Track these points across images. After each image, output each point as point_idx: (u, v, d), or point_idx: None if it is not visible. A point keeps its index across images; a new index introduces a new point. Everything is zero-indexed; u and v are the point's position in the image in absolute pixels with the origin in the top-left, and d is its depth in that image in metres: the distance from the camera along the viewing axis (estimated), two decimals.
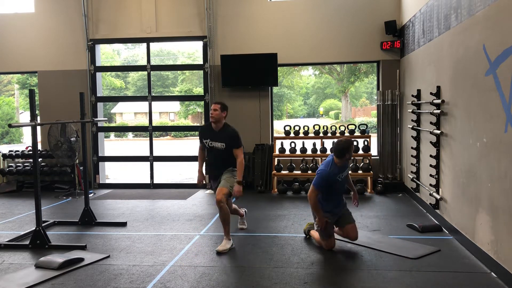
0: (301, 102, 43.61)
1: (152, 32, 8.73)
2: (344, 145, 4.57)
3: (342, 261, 4.39)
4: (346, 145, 4.58)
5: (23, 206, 7.34)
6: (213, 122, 5.01)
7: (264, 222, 6.00)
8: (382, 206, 6.87)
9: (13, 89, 29.74)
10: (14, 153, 8.99)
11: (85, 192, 6.17)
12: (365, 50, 8.31)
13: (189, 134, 28.20)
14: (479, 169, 4.30)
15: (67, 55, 8.91)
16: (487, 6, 4.05)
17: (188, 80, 34.78)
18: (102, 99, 9.56)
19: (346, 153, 4.57)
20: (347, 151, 4.57)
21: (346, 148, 4.57)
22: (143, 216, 6.45)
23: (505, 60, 3.68)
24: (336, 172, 4.61)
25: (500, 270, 3.83)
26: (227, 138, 4.97)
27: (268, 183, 8.32)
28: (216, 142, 5.00)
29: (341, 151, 4.56)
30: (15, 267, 4.42)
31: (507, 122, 3.65)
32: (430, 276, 3.96)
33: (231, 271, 4.20)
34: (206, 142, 5.06)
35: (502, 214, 3.80)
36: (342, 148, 4.56)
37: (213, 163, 5.14)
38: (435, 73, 5.80)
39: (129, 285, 3.90)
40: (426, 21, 6.21)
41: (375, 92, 10.67)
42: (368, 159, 7.99)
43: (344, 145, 4.57)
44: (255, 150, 8.47)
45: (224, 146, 4.96)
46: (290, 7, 8.47)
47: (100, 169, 9.06)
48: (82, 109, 6.18)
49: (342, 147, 4.57)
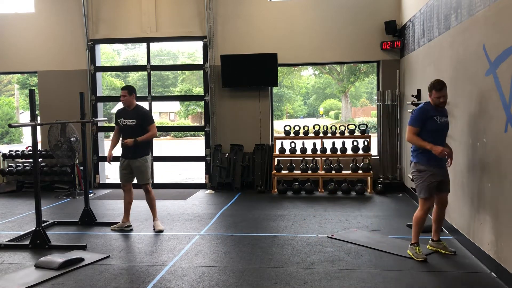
0: (301, 102, 43.60)
1: (152, 32, 8.72)
2: (433, 82, 4.36)
3: (342, 261, 4.39)
4: (433, 82, 4.35)
5: (23, 206, 7.34)
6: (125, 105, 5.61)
7: (264, 222, 6.00)
8: (382, 206, 6.87)
9: (13, 89, 29.73)
10: (14, 153, 8.99)
11: (85, 192, 6.17)
12: (365, 50, 8.31)
13: (189, 134, 28.18)
14: (479, 169, 4.30)
15: (67, 55, 8.91)
16: (487, 6, 4.05)
17: (188, 80, 34.77)
18: (102, 99, 9.57)
19: (432, 89, 4.31)
20: (433, 87, 4.31)
21: (432, 85, 4.32)
22: (143, 216, 6.44)
23: (505, 60, 3.68)
24: (431, 109, 4.33)
25: (500, 270, 3.82)
26: (136, 116, 5.57)
27: (268, 183, 8.31)
28: (128, 120, 5.58)
29: (429, 86, 4.36)
30: (15, 267, 4.42)
31: (507, 122, 3.65)
32: (430, 276, 3.96)
33: (231, 271, 4.20)
34: (120, 121, 5.61)
35: (502, 214, 3.80)
36: (432, 84, 4.34)
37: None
38: (435, 73, 5.79)
39: (129, 285, 3.90)
40: (426, 21, 6.21)
41: (375, 92, 10.67)
42: (368, 159, 7.99)
43: (433, 82, 4.36)
44: (255, 150, 8.47)
45: (134, 122, 5.55)
46: (290, 7, 8.47)
47: (100, 169, 9.06)
48: (82, 109, 6.18)
49: (431, 83, 4.36)
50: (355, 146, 8.10)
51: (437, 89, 4.26)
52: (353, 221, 5.95)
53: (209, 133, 8.68)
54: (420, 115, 4.35)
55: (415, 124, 4.35)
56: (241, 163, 8.40)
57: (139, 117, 5.57)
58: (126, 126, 5.56)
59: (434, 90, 4.28)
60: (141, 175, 5.67)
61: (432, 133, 4.29)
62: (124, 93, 5.55)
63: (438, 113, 4.33)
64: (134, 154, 5.59)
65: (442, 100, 4.26)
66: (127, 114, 5.62)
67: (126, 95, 5.54)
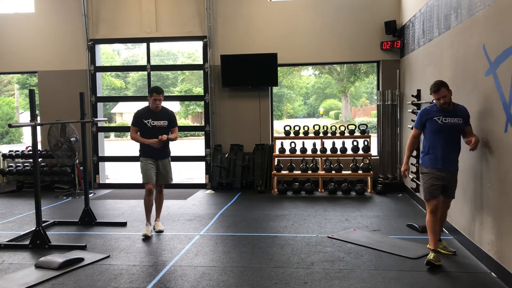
0: (301, 102, 43.59)
1: (152, 32, 8.72)
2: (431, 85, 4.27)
3: (342, 261, 4.39)
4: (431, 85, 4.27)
5: (23, 206, 7.34)
6: (156, 107, 5.51)
7: (264, 222, 6.00)
8: (382, 206, 6.87)
9: (13, 89, 29.72)
10: (14, 153, 8.99)
11: (85, 192, 6.16)
12: (365, 50, 8.31)
13: (189, 134, 28.17)
14: (479, 169, 4.30)
15: (67, 55, 8.90)
16: (487, 6, 4.05)
17: (188, 80, 34.77)
18: (102, 99, 9.57)
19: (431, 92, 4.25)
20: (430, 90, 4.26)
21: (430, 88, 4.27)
22: (143, 216, 6.42)
23: (505, 60, 3.68)
24: (434, 110, 4.27)
25: (500, 270, 3.82)
26: (168, 118, 5.58)
27: (268, 183, 8.31)
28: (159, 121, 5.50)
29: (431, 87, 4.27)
30: (15, 267, 4.42)
31: (507, 122, 3.65)
32: (430, 276, 3.96)
33: (231, 271, 4.20)
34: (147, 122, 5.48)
35: (502, 214, 3.80)
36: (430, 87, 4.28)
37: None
38: (435, 73, 5.80)
39: (129, 285, 3.90)
40: (426, 21, 6.21)
41: (375, 92, 10.67)
42: (368, 159, 7.99)
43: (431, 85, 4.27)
44: (255, 150, 8.47)
45: (166, 124, 5.54)
46: (290, 7, 8.47)
47: (100, 169, 9.06)
48: (82, 109, 6.18)
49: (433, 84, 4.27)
50: (355, 146, 8.10)
51: (433, 91, 4.24)
52: (353, 221, 5.95)
53: (209, 133, 8.68)
54: (419, 117, 4.41)
55: (415, 126, 4.49)
56: (241, 163, 8.40)
57: (170, 118, 5.57)
58: (155, 127, 5.47)
59: (432, 93, 4.27)
60: (168, 175, 5.66)
61: (433, 133, 4.29)
62: (161, 96, 5.46)
63: (443, 114, 4.24)
64: (164, 154, 5.57)
65: (442, 101, 4.22)
66: (156, 115, 5.52)
67: (161, 99, 5.48)
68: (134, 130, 5.57)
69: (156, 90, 5.50)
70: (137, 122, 5.54)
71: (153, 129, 5.47)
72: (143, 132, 5.52)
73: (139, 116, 5.56)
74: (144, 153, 5.53)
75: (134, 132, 5.56)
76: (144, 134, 5.51)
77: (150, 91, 5.61)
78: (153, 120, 5.49)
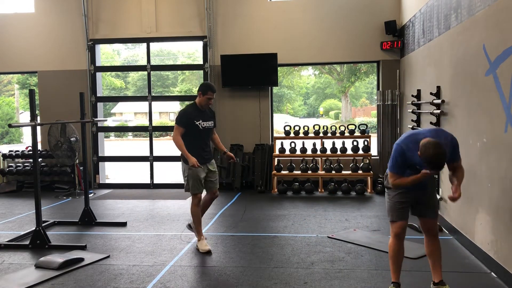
0: (301, 102, 43.58)
1: (152, 32, 8.72)
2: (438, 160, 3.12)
3: (342, 261, 4.39)
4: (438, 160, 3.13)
5: (23, 206, 7.34)
6: (206, 105, 4.89)
7: (264, 222, 6.00)
8: (382, 206, 6.86)
9: (13, 89, 29.71)
10: (14, 153, 8.99)
11: (85, 192, 6.16)
12: (365, 50, 8.31)
13: None
14: (479, 169, 4.30)
15: (67, 55, 8.90)
16: (487, 6, 4.05)
17: (188, 80, 34.76)
18: (102, 99, 9.57)
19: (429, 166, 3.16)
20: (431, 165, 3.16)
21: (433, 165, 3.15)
22: (143, 216, 6.44)
23: (505, 60, 3.68)
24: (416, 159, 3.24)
25: (500, 270, 3.83)
26: (213, 117, 5.03)
27: (268, 183, 8.31)
28: (207, 122, 4.87)
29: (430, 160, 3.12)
30: (15, 267, 4.42)
31: (507, 122, 3.65)
32: (430, 276, 3.95)
33: (231, 271, 4.20)
34: (199, 123, 4.79)
35: (502, 214, 3.80)
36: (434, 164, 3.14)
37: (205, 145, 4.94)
38: (435, 73, 5.80)
39: (129, 285, 3.90)
40: (426, 21, 6.21)
41: (375, 92, 10.67)
42: (368, 159, 7.99)
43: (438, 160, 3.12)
44: (255, 150, 8.47)
45: (213, 124, 4.96)
46: (290, 7, 8.47)
47: (100, 169, 9.06)
48: (82, 109, 6.18)
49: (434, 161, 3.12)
50: (355, 146, 8.10)
51: (431, 167, 3.16)
52: (353, 221, 5.95)
53: None
54: (398, 161, 3.38)
55: (396, 171, 3.44)
56: (241, 163, 8.40)
57: (214, 118, 5.02)
58: (205, 129, 4.82)
59: (428, 166, 3.17)
60: (217, 179, 5.05)
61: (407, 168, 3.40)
62: (213, 95, 4.83)
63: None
64: (211, 156, 5.03)
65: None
66: (204, 115, 4.84)
67: (214, 97, 4.87)
68: (180, 131, 4.72)
69: (212, 88, 4.82)
70: (186, 123, 4.73)
71: (203, 131, 4.80)
72: (191, 134, 4.73)
73: (190, 116, 4.77)
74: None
75: (179, 133, 4.72)
76: (192, 136, 4.73)
77: (204, 89, 4.80)
78: (203, 121, 4.82)
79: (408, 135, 3.40)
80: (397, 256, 3.55)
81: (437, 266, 3.61)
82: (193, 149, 4.70)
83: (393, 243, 3.53)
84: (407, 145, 3.30)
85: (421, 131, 3.40)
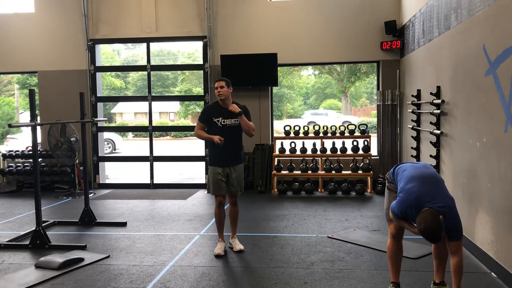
0: (301, 102, 43.59)
1: (152, 32, 8.72)
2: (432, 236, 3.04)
3: (342, 261, 4.39)
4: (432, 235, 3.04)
5: (23, 206, 7.34)
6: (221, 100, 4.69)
7: (264, 222, 6.00)
8: (382, 206, 6.85)
9: (13, 89, 29.71)
10: (14, 153, 8.99)
11: (85, 192, 6.16)
12: (365, 50, 8.31)
13: (189, 134, 28.12)
14: (479, 169, 4.30)
15: (67, 55, 8.90)
16: (487, 6, 4.05)
17: (188, 80, 34.75)
18: (102, 99, 9.57)
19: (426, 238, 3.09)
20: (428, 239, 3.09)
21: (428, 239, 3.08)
22: (143, 216, 6.45)
23: (505, 60, 3.68)
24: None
25: (500, 270, 3.83)
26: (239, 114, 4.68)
27: (268, 183, 8.31)
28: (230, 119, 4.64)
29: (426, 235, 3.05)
30: (15, 267, 4.42)
31: (507, 122, 3.65)
32: (430, 276, 3.95)
33: (231, 271, 4.20)
34: (217, 121, 4.62)
35: (502, 214, 3.80)
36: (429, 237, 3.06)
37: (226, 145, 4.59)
38: (435, 73, 5.80)
39: (129, 285, 3.90)
40: (426, 21, 6.21)
41: (375, 92, 10.68)
42: (368, 159, 7.99)
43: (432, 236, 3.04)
44: (255, 150, 8.47)
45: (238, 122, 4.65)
46: (290, 7, 8.46)
47: (100, 169, 9.06)
48: (82, 109, 6.18)
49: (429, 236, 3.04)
50: (355, 146, 8.10)
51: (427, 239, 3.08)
52: (353, 221, 5.95)
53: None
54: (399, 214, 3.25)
55: (397, 215, 3.30)
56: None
57: (247, 114, 4.74)
58: (226, 126, 4.62)
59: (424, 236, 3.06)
60: (240, 185, 4.78)
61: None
62: (222, 84, 4.67)
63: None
64: (236, 160, 4.73)
65: None
66: (225, 112, 4.65)
67: (224, 86, 4.66)
68: (200, 126, 4.71)
69: (218, 79, 4.80)
70: (205, 119, 4.70)
71: (223, 128, 4.61)
72: (210, 132, 4.66)
73: (209, 113, 4.71)
74: (213, 161, 4.70)
75: (199, 128, 4.71)
76: (211, 134, 4.64)
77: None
78: (224, 119, 4.62)
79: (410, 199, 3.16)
80: (396, 256, 3.53)
81: (441, 268, 3.58)
82: (211, 149, 4.68)
83: (391, 243, 3.52)
84: (410, 211, 3.16)
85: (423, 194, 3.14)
